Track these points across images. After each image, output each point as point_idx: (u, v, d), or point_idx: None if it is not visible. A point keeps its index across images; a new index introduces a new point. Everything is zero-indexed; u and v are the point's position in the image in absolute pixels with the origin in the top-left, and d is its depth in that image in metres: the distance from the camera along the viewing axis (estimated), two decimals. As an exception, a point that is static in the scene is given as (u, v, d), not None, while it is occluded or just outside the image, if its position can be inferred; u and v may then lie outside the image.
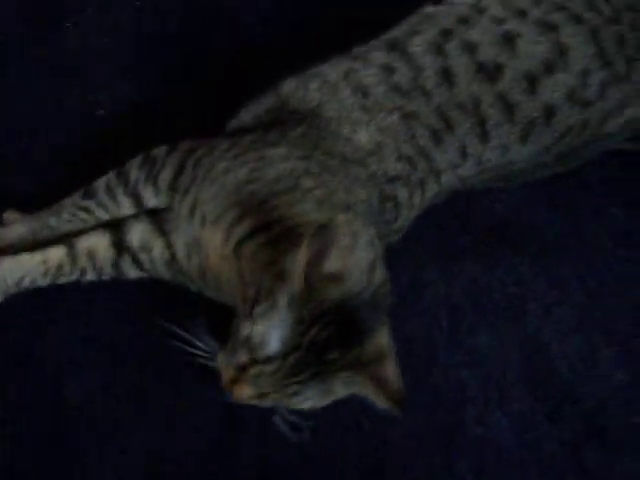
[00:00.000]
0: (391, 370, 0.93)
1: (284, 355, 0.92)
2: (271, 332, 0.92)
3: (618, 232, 1.34)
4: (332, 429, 1.18)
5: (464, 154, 1.22)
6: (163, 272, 1.20)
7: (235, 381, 0.96)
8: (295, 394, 0.94)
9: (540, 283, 1.30)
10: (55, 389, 1.19)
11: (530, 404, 1.20)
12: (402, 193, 1.19)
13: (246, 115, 1.25)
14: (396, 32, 1.27)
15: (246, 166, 1.11)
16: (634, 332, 1.25)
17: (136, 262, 1.22)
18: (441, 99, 1.19)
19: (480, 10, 1.26)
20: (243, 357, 0.95)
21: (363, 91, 1.19)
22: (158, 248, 1.20)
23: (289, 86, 1.22)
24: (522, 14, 1.25)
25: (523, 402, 1.20)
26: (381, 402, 0.93)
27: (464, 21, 1.24)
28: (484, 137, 1.21)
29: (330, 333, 0.92)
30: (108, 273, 1.24)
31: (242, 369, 0.95)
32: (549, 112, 1.22)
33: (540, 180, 1.31)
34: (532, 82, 1.21)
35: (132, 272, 1.24)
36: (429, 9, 1.29)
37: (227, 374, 0.98)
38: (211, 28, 1.47)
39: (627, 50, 1.25)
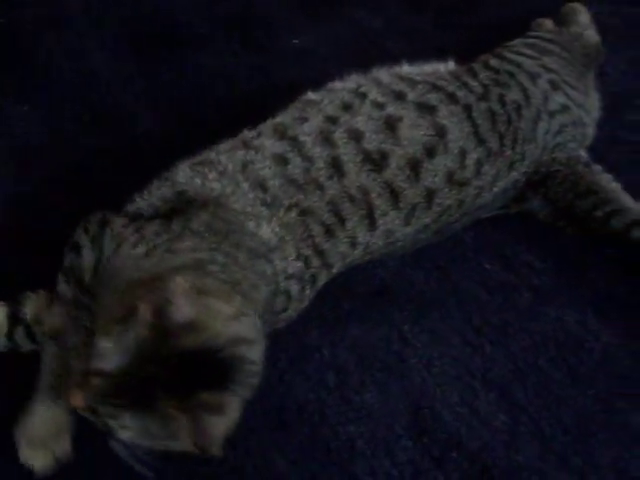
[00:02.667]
0: (216, 429, 1.05)
1: (115, 375, 1.04)
2: (113, 350, 1.05)
3: (492, 285, 1.53)
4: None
5: (353, 245, 1.39)
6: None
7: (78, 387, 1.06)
8: (113, 417, 1.05)
9: (422, 339, 1.46)
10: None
11: (418, 452, 1.35)
12: (295, 288, 1.33)
13: (142, 202, 1.37)
14: (282, 118, 1.44)
15: (150, 260, 1.22)
16: (511, 378, 1.42)
17: (29, 335, 1.38)
18: (333, 192, 1.35)
19: (361, 95, 1.47)
20: (85, 364, 1.07)
21: (262, 185, 1.33)
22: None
23: (184, 175, 1.36)
24: (401, 97, 1.46)
25: (411, 451, 1.35)
26: (186, 445, 1.04)
27: (347, 107, 1.44)
28: (372, 226, 1.38)
29: (171, 374, 1.04)
30: (2, 344, 1.39)
31: (85, 377, 1.07)
32: (430, 196, 1.41)
33: (417, 245, 1.47)
34: (415, 168, 1.40)
35: (26, 344, 1.40)
36: (311, 95, 1.48)
37: (73, 379, 1.10)
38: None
39: (498, 125, 1.49)
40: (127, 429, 1.04)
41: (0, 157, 1.71)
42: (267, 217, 1.31)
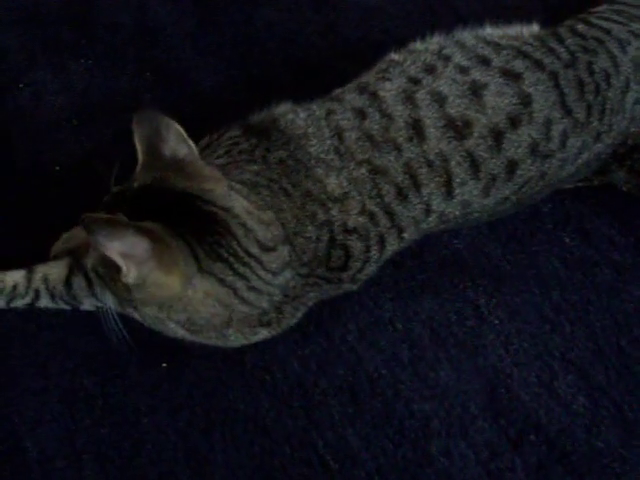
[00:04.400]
0: None
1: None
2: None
3: (571, 260, 1.47)
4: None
5: (428, 211, 1.35)
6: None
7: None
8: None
9: (498, 315, 1.43)
10: (14, 444, 1.33)
11: (494, 433, 1.32)
12: (356, 246, 1.31)
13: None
14: (366, 77, 1.42)
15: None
16: (592, 359, 1.38)
17: (88, 281, 1.37)
18: (411, 154, 1.32)
19: (444, 58, 1.42)
20: None
21: (339, 135, 1.33)
22: None
23: (284, 107, 1.40)
24: (486, 62, 1.41)
25: (487, 432, 1.32)
26: None
27: (431, 70, 1.39)
28: (449, 194, 1.35)
29: None
30: (60, 294, 1.39)
31: None
32: (512, 167, 1.37)
33: (493, 215, 1.43)
34: (498, 138, 1.35)
35: (84, 296, 1.38)
36: (394, 56, 1.45)
37: None
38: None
39: (586, 95, 1.42)
40: None
41: (61, 113, 1.63)
42: (337, 167, 1.31)
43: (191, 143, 1.19)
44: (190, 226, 1.14)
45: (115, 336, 1.17)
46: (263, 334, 1.31)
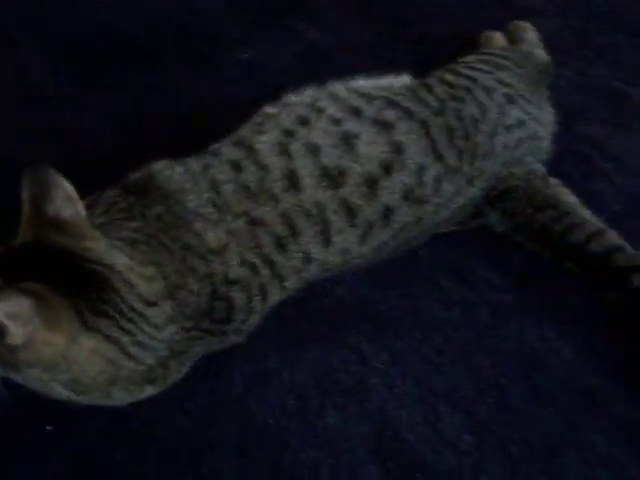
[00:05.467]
0: None
1: None
2: None
3: (450, 302, 1.52)
4: None
5: (308, 260, 1.38)
6: None
7: None
8: None
9: (381, 359, 1.44)
10: None
11: (382, 477, 1.33)
12: (239, 297, 1.33)
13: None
14: (242, 131, 1.46)
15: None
16: (474, 397, 1.40)
17: None
18: (288, 204, 1.36)
19: (317, 110, 1.47)
20: None
21: (216, 187, 1.35)
22: None
23: (161, 164, 1.41)
24: (358, 113, 1.47)
25: (375, 475, 1.33)
26: None
27: (304, 121, 1.44)
28: (327, 242, 1.39)
29: None
30: None
31: None
32: (387, 213, 1.41)
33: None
34: (372, 185, 1.40)
35: None
36: (269, 109, 1.50)
37: None
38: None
39: (456, 141, 1.50)
40: None
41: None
42: (215, 220, 1.34)
43: (78, 204, 1.21)
44: (73, 284, 1.15)
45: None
46: (149, 391, 1.31)
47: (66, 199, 1.18)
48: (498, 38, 1.91)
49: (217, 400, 1.38)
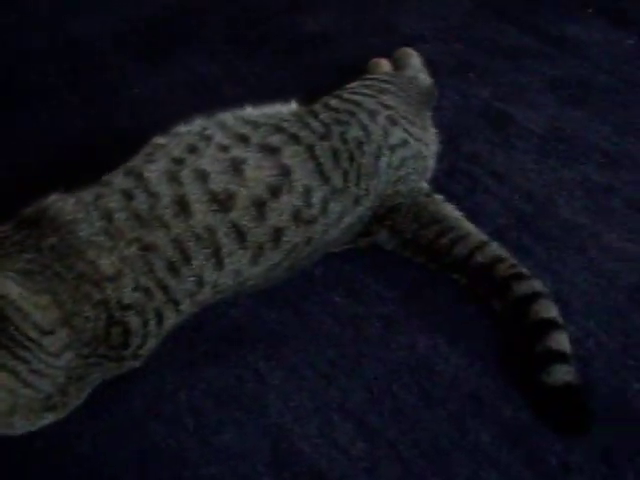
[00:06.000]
0: None
1: None
2: None
3: (343, 317, 1.59)
4: None
5: (200, 283, 1.44)
6: None
7: None
8: None
9: (277, 375, 1.50)
10: None
11: (280, 488, 1.41)
12: (134, 321, 1.38)
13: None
14: (134, 162, 1.50)
15: None
16: (368, 406, 1.47)
17: None
18: (179, 230, 1.40)
19: (206, 138, 1.52)
20: None
21: (108, 216, 1.39)
22: None
23: (53, 197, 1.44)
24: (245, 140, 1.52)
25: (273, 487, 1.41)
26: None
27: (193, 150, 1.49)
28: (219, 265, 1.44)
29: None
30: None
31: None
32: (277, 235, 1.47)
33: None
34: (261, 208, 1.46)
35: None
36: (159, 140, 1.54)
37: None
38: None
39: (341, 163, 1.57)
40: None
41: None
42: (108, 248, 1.37)
43: None
44: None
45: None
46: (49, 418, 1.34)
47: None
48: (384, 64, 1.99)
49: (117, 423, 1.42)
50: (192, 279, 1.42)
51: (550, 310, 1.47)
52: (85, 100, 1.99)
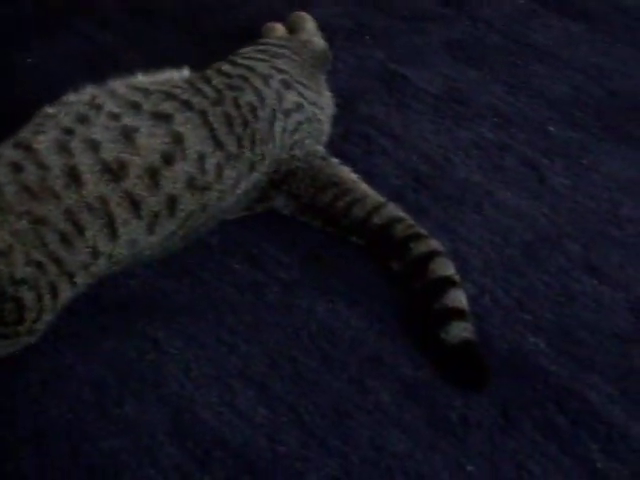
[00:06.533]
0: None
1: None
2: None
3: (242, 284, 1.59)
4: None
5: (95, 254, 1.42)
6: None
7: None
8: None
9: (176, 345, 1.50)
10: None
11: (182, 456, 1.38)
12: (28, 296, 1.35)
13: None
14: (23, 133, 1.46)
15: None
16: (268, 372, 1.48)
17: None
18: (71, 201, 1.38)
19: (96, 107, 1.50)
20: None
21: None
22: None
23: None
24: (136, 107, 1.51)
25: (175, 456, 1.36)
26: None
27: (83, 119, 1.47)
28: (113, 235, 1.42)
29: None
30: None
31: None
32: (172, 203, 1.47)
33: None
34: (154, 176, 1.45)
35: None
36: (49, 109, 1.51)
37: None
38: None
39: (235, 128, 1.57)
40: None
41: None
42: None
43: None
44: None
45: None
46: None
47: None
48: (279, 29, 1.98)
49: (12, 400, 1.39)
50: (86, 251, 1.41)
51: (447, 268, 1.50)
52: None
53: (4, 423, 1.38)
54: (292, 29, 1.98)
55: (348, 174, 1.64)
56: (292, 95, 1.63)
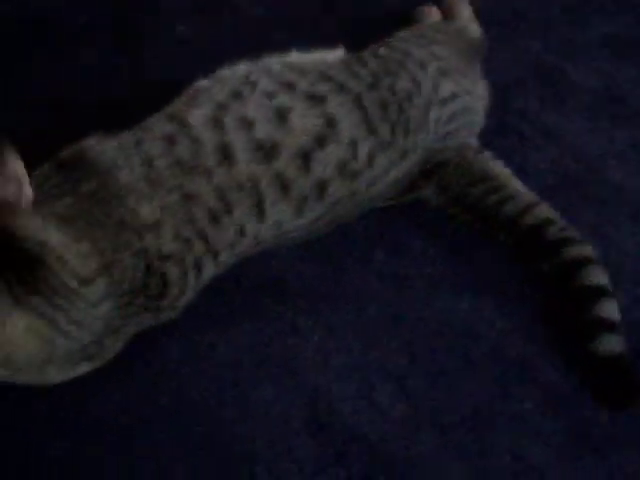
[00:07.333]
0: None
1: None
2: None
3: (385, 275, 1.55)
4: None
5: (242, 233, 1.40)
6: None
7: None
8: None
9: (317, 332, 1.48)
10: None
11: (317, 448, 1.35)
12: (173, 272, 1.35)
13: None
14: (176, 106, 1.46)
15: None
16: (409, 367, 1.44)
17: None
18: (222, 178, 1.37)
19: (251, 84, 1.47)
20: None
21: (149, 162, 1.35)
22: None
23: (92, 140, 1.40)
24: (291, 87, 1.47)
25: (311, 447, 1.36)
26: None
27: (237, 95, 1.45)
28: (261, 216, 1.40)
29: None
30: None
31: None
32: (321, 187, 1.44)
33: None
34: (305, 158, 1.42)
35: None
36: (202, 83, 1.49)
37: None
38: None
39: (390, 114, 1.51)
40: None
41: None
42: (148, 195, 1.34)
43: (23, 185, 1.26)
44: (7, 262, 1.16)
45: None
46: (84, 368, 1.32)
47: (11, 178, 1.19)
48: (434, 13, 1.91)
49: (152, 375, 1.40)
50: (233, 229, 1.39)
51: (600, 276, 1.43)
52: (132, 39, 1.90)
53: (141, 397, 1.40)
54: (447, 14, 1.91)
55: (501, 169, 1.58)
56: (448, 83, 1.58)
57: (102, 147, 1.40)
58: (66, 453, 1.31)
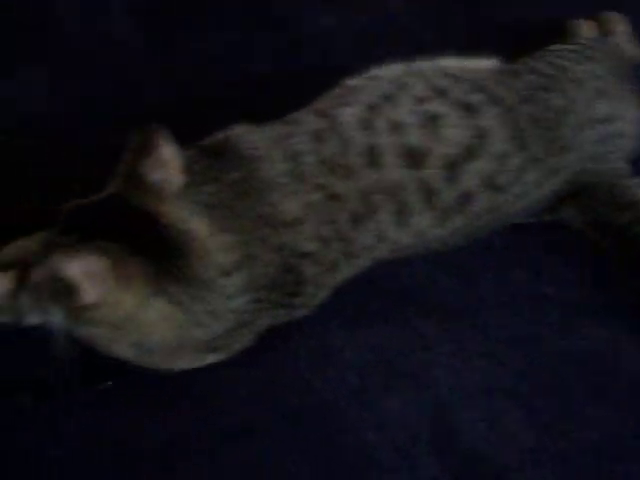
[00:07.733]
0: None
1: None
2: None
3: (520, 296, 1.50)
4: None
5: (381, 238, 1.37)
6: None
7: None
8: None
9: (446, 348, 1.43)
10: None
11: (438, 468, 1.30)
12: (309, 270, 1.33)
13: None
14: (324, 102, 1.44)
15: None
16: (538, 394, 1.39)
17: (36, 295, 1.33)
18: (367, 181, 1.34)
19: (403, 87, 1.45)
20: None
21: (295, 157, 1.34)
22: None
23: (239, 129, 1.39)
24: (443, 94, 1.44)
25: (433, 467, 1.32)
26: None
27: (389, 98, 1.42)
28: (403, 223, 1.38)
29: None
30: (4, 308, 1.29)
31: None
32: (466, 199, 1.40)
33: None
34: (453, 169, 1.38)
35: (31, 311, 1.29)
36: (351, 82, 1.48)
37: None
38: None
39: (542, 131, 1.44)
40: None
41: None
42: (291, 191, 1.32)
43: (174, 171, 1.24)
44: (148, 247, 1.15)
45: (61, 353, 1.15)
46: (211, 359, 1.32)
47: (161, 163, 1.18)
48: (586, 27, 1.84)
49: (278, 372, 1.39)
50: (373, 234, 1.37)
51: None
52: (276, 27, 1.89)
53: (265, 393, 1.39)
54: (601, 29, 1.84)
55: (650, 198, 1.49)
56: (603, 105, 1.54)
57: (249, 137, 1.38)
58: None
